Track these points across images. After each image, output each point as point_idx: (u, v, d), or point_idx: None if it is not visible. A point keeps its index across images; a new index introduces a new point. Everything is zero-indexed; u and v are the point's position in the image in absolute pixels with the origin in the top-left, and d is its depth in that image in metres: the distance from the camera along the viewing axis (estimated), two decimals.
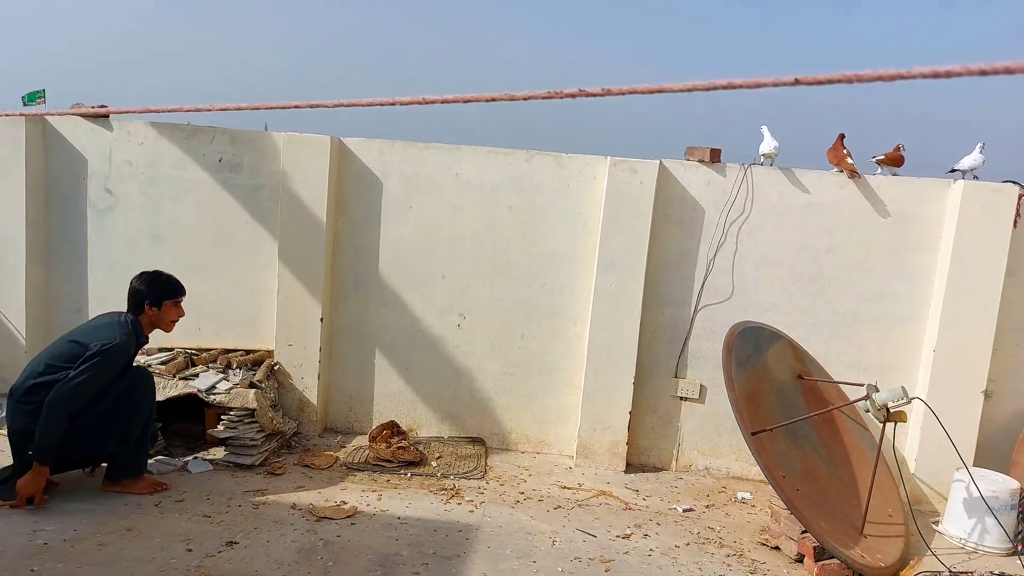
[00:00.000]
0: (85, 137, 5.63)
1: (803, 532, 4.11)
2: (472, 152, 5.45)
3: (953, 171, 5.25)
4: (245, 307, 5.64)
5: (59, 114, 5.55)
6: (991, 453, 5.13)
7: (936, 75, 1.24)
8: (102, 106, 5.52)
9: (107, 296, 5.69)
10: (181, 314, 4.45)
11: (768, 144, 5.30)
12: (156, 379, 4.66)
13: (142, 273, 4.37)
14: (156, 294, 4.30)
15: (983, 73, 1.19)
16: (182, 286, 4.44)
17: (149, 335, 4.41)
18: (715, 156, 5.28)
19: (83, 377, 3.97)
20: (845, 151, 5.22)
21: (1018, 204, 4.95)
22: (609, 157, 5.26)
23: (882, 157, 5.31)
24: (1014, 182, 5.02)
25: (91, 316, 5.58)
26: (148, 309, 4.30)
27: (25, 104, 5.51)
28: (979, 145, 5.21)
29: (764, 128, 5.35)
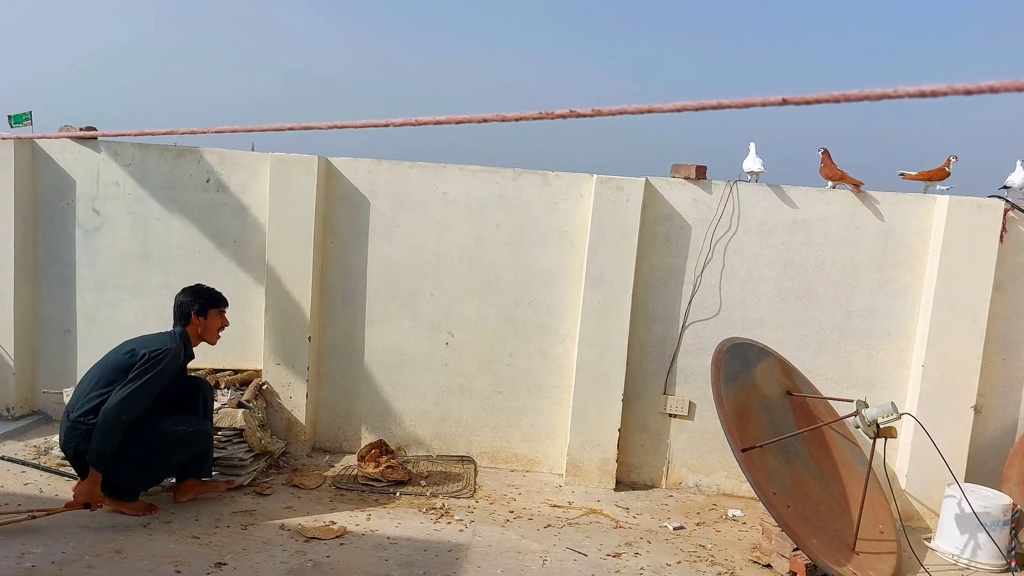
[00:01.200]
0: (73, 158, 5.62)
1: (795, 549, 4.10)
2: (459, 171, 5.46)
3: (1005, 187, 5.14)
4: (233, 326, 5.58)
5: (44, 137, 5.55)
6: (981, 468, 5.14)
7: (922, 94, 1.25)
8: (90, 128, 5.52)
9: (95, 316, 5.68)
10: (226, 323, 4.61)
11: (753, 162, 5.32)
12: None
13: (185, 288, 4.52)
14: (202, 304, 4.45)
15: (968, 92, 1.20)
16: (224, 297, 4.60)
17: (195, 347, 4.52)
18: (700, 173, 5.30)
19: (137, 384, 4.08)
20: (839, 168, 5.23)
21: (1004, 219, 4.98)
22: (595, 175, 5.27)
23: (914, 174, 5.29)
24: (1000, 197, 5.04)
25: (80, 337, 5.68)
26: (195, 319, 4.43)
27: (12, 126, 5.49)
28: (1020, 162, 5.10)
29: (752, 145, 5.37)
